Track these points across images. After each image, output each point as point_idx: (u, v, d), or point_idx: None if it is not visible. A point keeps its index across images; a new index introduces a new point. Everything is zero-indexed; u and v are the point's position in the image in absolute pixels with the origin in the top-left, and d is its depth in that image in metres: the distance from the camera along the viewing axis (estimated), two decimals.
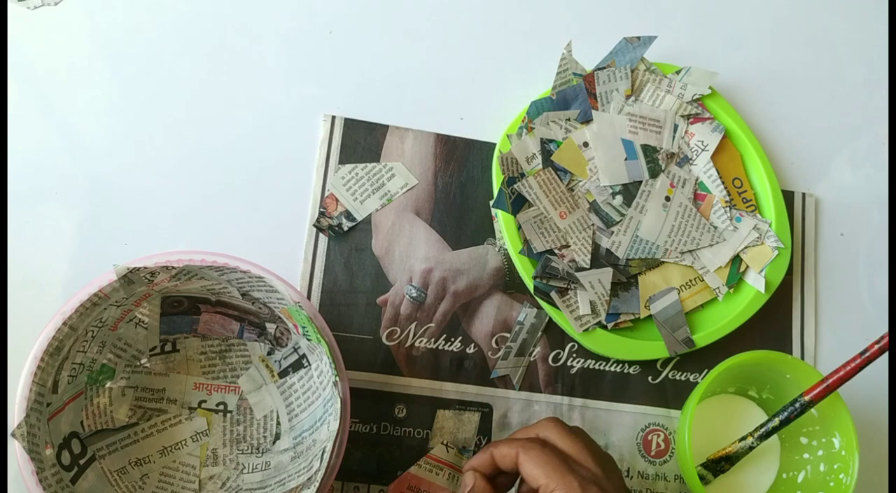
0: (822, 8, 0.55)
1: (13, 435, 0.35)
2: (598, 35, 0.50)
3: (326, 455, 0.37)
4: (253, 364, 0.44)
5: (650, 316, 0.47)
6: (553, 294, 0.45)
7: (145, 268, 0.37)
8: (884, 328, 0.50)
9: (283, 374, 0.44)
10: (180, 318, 0.43)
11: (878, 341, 0.40)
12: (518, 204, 0.46)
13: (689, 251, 0.47)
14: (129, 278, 0.37)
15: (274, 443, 0.43)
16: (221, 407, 0.43)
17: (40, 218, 0.46)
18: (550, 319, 0.47)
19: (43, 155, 0.47)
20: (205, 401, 0.43)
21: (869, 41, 0.55)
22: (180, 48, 0.49)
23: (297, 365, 0.43)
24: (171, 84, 0.49)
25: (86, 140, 0.47)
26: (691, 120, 0.49)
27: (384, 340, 0.46)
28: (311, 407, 0.42)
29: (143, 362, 0.43)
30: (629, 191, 0.48)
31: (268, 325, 0.43)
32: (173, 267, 0.37)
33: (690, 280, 0.47)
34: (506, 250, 0.47)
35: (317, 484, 0.36)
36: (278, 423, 0.43)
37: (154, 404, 0.43)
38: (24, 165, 0.46)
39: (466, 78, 0.51)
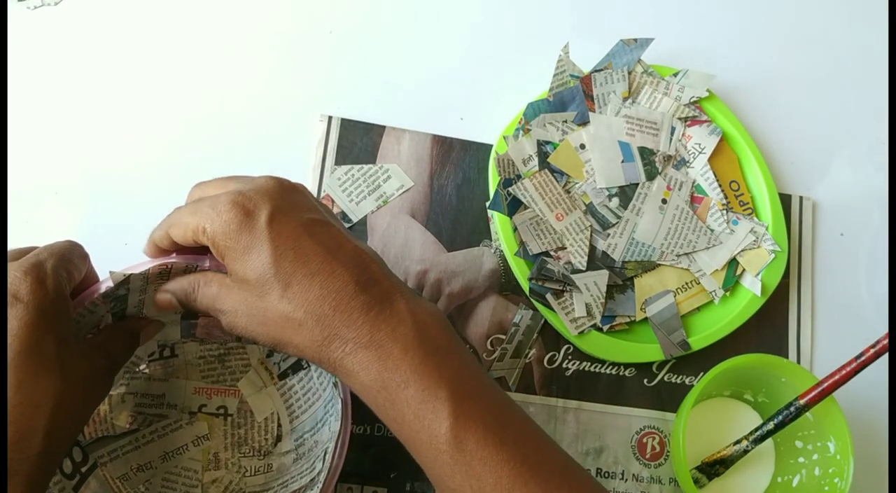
0: (820, 9, 0.54)
1: None
2: (595, 37, 0.49)
3: (329, 456, 0.37)
4: (252, 367, 0.44)
5: (646, 319, 0.46)
6: (549, 296, 0.45)
7: (142, 273, 0.37)
8: (883, 329, 0.50)
9: (283, 376, 0.43)
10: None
11: (873, 345, 0.40)
12: (514, 206, 0.46)
13: (686, 254, 0.47)
14: (126, 284, 0.37)
15: (275, 445, 0.43)
16: (222, 411, 0.43)
17: (40, 218, 0.46)
18: (546, 321, 0.47)
19: (43, 154, 0.47)
20: (205, 405, 0.43)
21: (868, 41, 0.54)
22: (179, 48, 0.49)
23: (297, 367, 0.43)
24: (170, 84, 0.49)
25: (86, 140, 0.47)
26: (688, 122, 0.49)
27: None
28: (311, 408, 0.42)
29: (141, 368, 0.43)
30: (626, 193, 0.48)
31: None
32: (171, 271, 0.37)
33: (686, 283, 0.47)
34: (501, 251, 0.47)
35: (320, 485, 0.36)
36: (279, 425, 0.43)
37: (154, 410, 0.43)
38: (24, 165, 0.47)
39: (463, 79, 0.50)
